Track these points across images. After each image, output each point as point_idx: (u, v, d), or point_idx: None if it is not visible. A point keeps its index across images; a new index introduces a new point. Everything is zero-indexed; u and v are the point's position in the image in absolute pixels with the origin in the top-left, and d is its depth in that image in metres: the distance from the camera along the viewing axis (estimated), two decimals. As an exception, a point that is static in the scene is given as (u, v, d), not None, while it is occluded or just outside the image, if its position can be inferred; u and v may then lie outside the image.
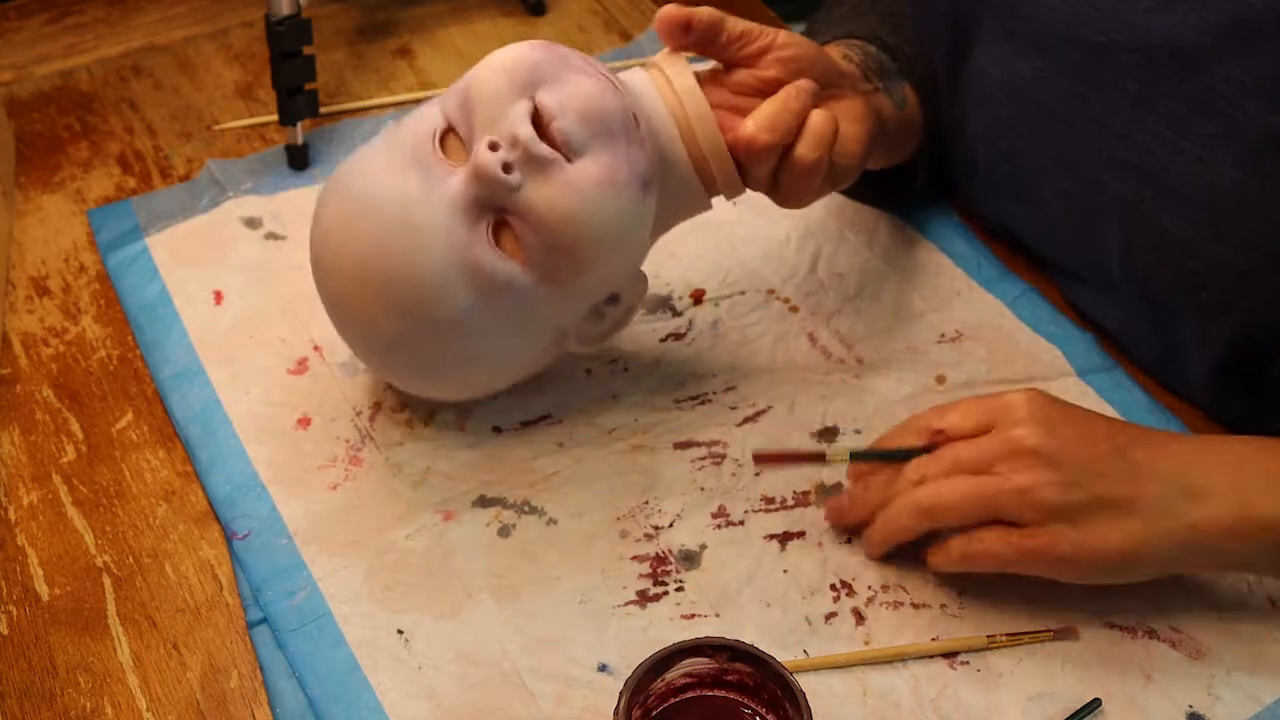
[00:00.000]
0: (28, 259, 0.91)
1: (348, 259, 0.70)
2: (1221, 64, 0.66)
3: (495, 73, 0.67)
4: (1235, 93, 0.65)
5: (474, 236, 0.67)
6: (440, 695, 0.66)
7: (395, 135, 0.70)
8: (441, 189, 0.67)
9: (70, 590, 0.72)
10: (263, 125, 1.01)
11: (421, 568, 0.72)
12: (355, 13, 1.12)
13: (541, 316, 0.72)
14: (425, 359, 0.72)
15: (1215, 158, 0.67)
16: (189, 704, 0.67)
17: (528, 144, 0.65)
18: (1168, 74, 0.68)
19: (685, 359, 0.83)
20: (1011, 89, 0.78)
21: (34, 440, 0.80)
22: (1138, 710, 0.65)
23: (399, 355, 0.72)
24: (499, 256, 0.67)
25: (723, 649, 0.58)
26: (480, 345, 0.71)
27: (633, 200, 0.67)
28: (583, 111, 0.66)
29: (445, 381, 0.75)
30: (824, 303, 0.86)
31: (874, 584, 0.70)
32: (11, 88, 1.05)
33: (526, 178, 0.66)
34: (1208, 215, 0.69)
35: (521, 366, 0.76)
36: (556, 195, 0.66)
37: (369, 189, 0.69)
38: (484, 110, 0.67)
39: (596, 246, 0.67)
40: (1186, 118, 0.68)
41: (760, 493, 0.75)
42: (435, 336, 0.70)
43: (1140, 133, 0.71)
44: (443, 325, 0.69)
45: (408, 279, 0.68)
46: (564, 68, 0.67)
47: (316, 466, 0.77)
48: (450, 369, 0.73)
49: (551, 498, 0.75)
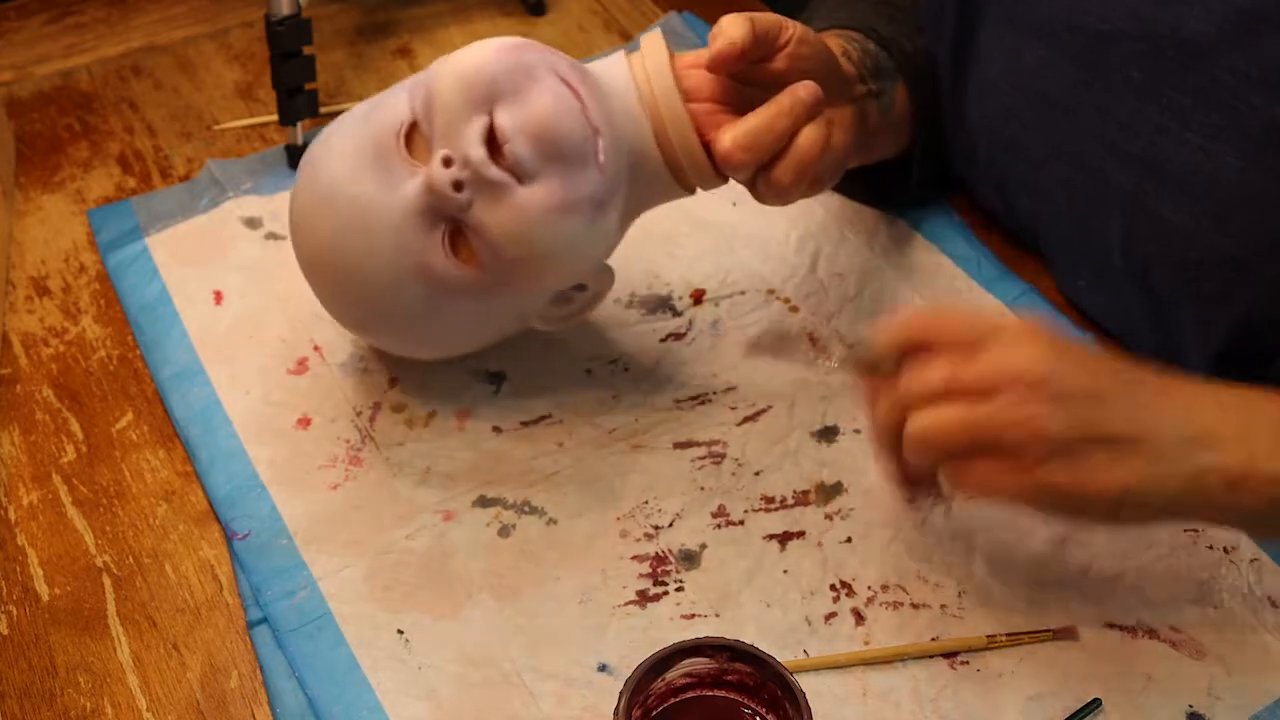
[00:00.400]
0: (28, 259, 0.91)
1: (311, 247, 0.73)
2: (1227, 55, 0.66)
3: (454, 83, 0.67)
4: (1240, 84, 0.65)
5: (429, 243, 0.68)
6: (440, 695, 0.66)
7: (366, 123, 0.70)
8: (400, 192, 0.68)
9: (70, 590, 0.72)
10: (263, 125, 1.01)
11: (421, 568, 0.72)
12: (355, 13, 1.12)
13: (500, 309, 0.73)
14: (391, 338, 0.77)
15: (1218, 149, 0.67)
16: (189, 704, 0.67)
17: (478, 167, 0.65)
18: (1172, 64, 0.68)
19: (685, 359, 0.83)
20: (1014, 77, 0.78)
21: (34, 440, 0.80)
22: (1138, 710, 0.65)
23: (367, 330, 0.77)
24: (453, 264, 0.68)
25: (723, 649, 0.58)
26: (440, 331, 0.74)
27: (582, 223, 0.67)
28: (537, 135, 0.66)
29: (416, 351, 0.78)
30: (824, 303, 0.86)
31: (874, 584, 0.70)
32: (11, 88, 1.05)
33: (477, 197, 0.66)
34: (1209, 206, 0.69)
35: (485, 341, 0.78)
36: (505, 217, 0.66)
37: (331, 182, 0.70)
38: (441, 119, 0.67)
39: (548, 263, 0.68)
40: (1190, 108, 0.68)
41: (760, 492, 0.75)
42: (394, 325, 0.74)
43: (1143, 123, 0.71)
44: (400, 319, 0.72)
45: (363, 277, 0.70)
46: (525, 80, 0.66)
47: (316, 466, 0.77)
48: (416, 346, 0.77)
49: (551, 498, 0.75)
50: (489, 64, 0.67)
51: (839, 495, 0.75)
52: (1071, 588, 0.70)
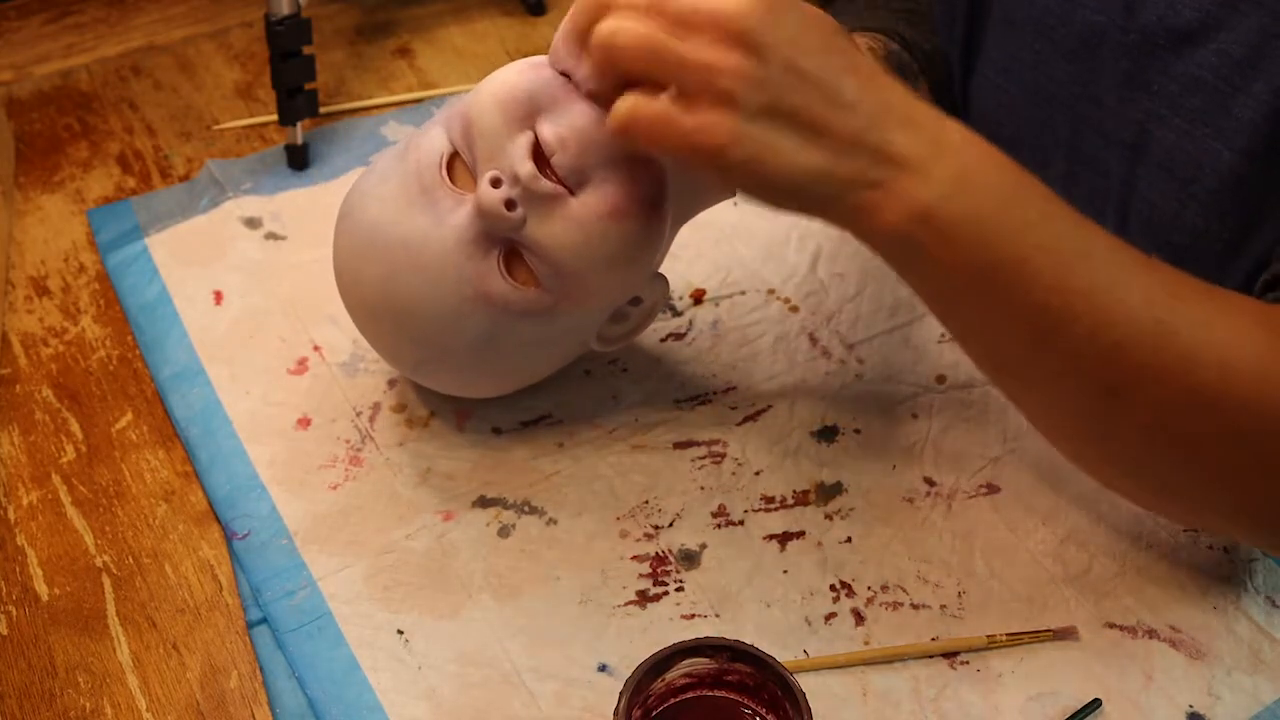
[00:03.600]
0: (27, 259, 0.91)
1: (361, 295, 0.71)
2: (1213, 38, 0.66)
3: (492, 106, 0.66)
4: (1223, 64, 0.66)
5: (485, 268, 0.67)
6: (440, 695, 0.66)
7: (403, 162, 0.69)
8: (450, 222, 0.67)
9: (70, 590, 0.72)
10: (263, 125, 1.01)
11: (421, 568, 0.72)
12: (355, 13, 1.12)
13: (561, 330, 0.71)
14: (451, 374, 0.74)
15: (1204, 133, 0.68)
16: (189, 704, 0.67)
17: (528, 182, 0.64)
18: (1163, 53, 0.69)
19: (685, 359, 0.83)
20: (1013, 75, 0.79)
21: (34, 440, 0.80)
22: (1138, 710, 0.65)
23: (426, 372, 0.74)
24: (512, 286, 0.67)
25: (723, 649, 0.58)
26: (503, 361, 0.72)
27: (640, 225, 0.66)
28: (583, 142, 0.64)
29: (475, 387, 0.77)
30: (824, 303, 0.86)
31: (874, 584, 0.70)
32: (11, 88, 1.05)
33: (530, 213, 0.65)
34: (1197, 190, 0.69)
35: (548, 369, 0.77)
36: (560, 230, 0.65)
37: (375, 225, 0.69)
38: (484, 144, 0.66)
39: (607, 272, 0.67)
40: (1178, 94, 0.69)
41: (760, 492, 0.75)
42: (455, 361, 0.72)
43: (1134, 111, 0.71)
44: (461, 353, 0.70)
45: (421, 314, 0.68)
46: (562, 91, 0.65)
47: (316, 466, 0.77)
48: (478, 380, 0.75)
49: (551, 498, 0.75)
50: (524, 80, 0.65)
51: (839, 495, 0.75)
52: (1071, 588, 0.70)
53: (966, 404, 0.79)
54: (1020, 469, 0.75)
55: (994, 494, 0.74)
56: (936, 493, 0.74)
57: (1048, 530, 0.72)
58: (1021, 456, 0.76)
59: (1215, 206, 0.69)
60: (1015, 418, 0.78)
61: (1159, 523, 0.72)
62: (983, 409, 0.79)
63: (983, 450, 0.76)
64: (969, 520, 0.73)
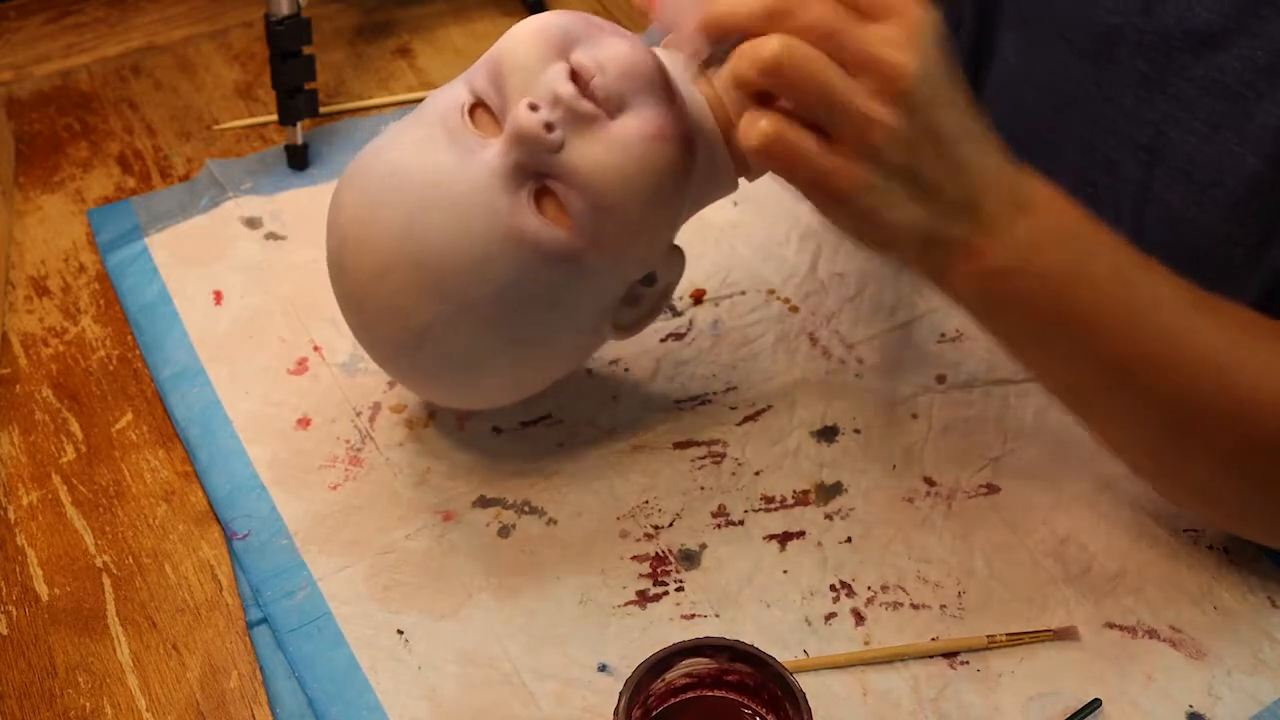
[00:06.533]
0: (27, 259, 0.91)
1: (375, 246, 0.67)
2: (1235, 43, 0.66)
3: (526, 39, 0.65)
4: (1246, 69, 0.66)
5: (516, 204, 0.65)
6: (440, 695, 0.66)
7: (418, 115, 0.68)
8: (478, 159, 0.65)
9: (70, 590, 0.72)
10: (263, 125, 1.01)
11: (421, 568, 0.72)
12: (355, 13, 1.12)
13: (581, 293, 0.68)
14: (459, 351, 0.69)
15: (1224, 136, 0.68)
16: (189, 704, 0.67)
17: (570, 101, 0.63)
18: (1180, 54, 0.69)
19: (685, 359, 0.83)
20: (1028, 75, 0.78)
21: (34, 440, 0.80)
22: (1138, 710, 0.65)
23: (431, 351, 0.68)
24: (543, 223, 0.65)
25: (723, 649, 0.58)
26: (518, 328, 0.68)
27: (677, 155, 0.65)
28: (622, 68, 0.64)
29: (478, 377, 0.71)
30: (824, 303, 0.86)
31: (874, 584, 0.70)
32: (11, 88, 1.05)
33: (569, 136, 0.64)
34: (1217, 194, 0.69)
35: (556, 358, 0.73)
36: (602, 151, 0.64)
37: (397, 169, 0.67)
38: (517, 78, 0.65)
39: (643, 204, 0.65)
40: (1197, 97, 0.68)
41: (760, 492, 0.75)
42: (471, 321, 0.67)
43: (1150, 112, 0.71)
44: (481, 307, 0.66)
45: (445, 257, 0.65)
46: (594, 30, 0.66)
47: (316, 466, 0.77)
48: (485, 360, 0.70)
49: (551, 498, 0.75)
50: (556, 17, 0.66)
51: (839, 495, 0.75)
52: (1071, 588, 0.70)
53: (966, 404, 0.79)
54: (1020, 469, 0.75)
55: (994, 494, 0.74)
56: (936, 493, 0.74)
57: (1048, 530, 0.72)
58: (1021, 456, 0.76)
59: (1236, 212, 0.69)
60: (1015, 418, 0.78)
61: (1159, 522, 0.72)
62: (983, 409, 0.79)
63: (983, 450, 0.76)
64: (969, 520, 0.73)
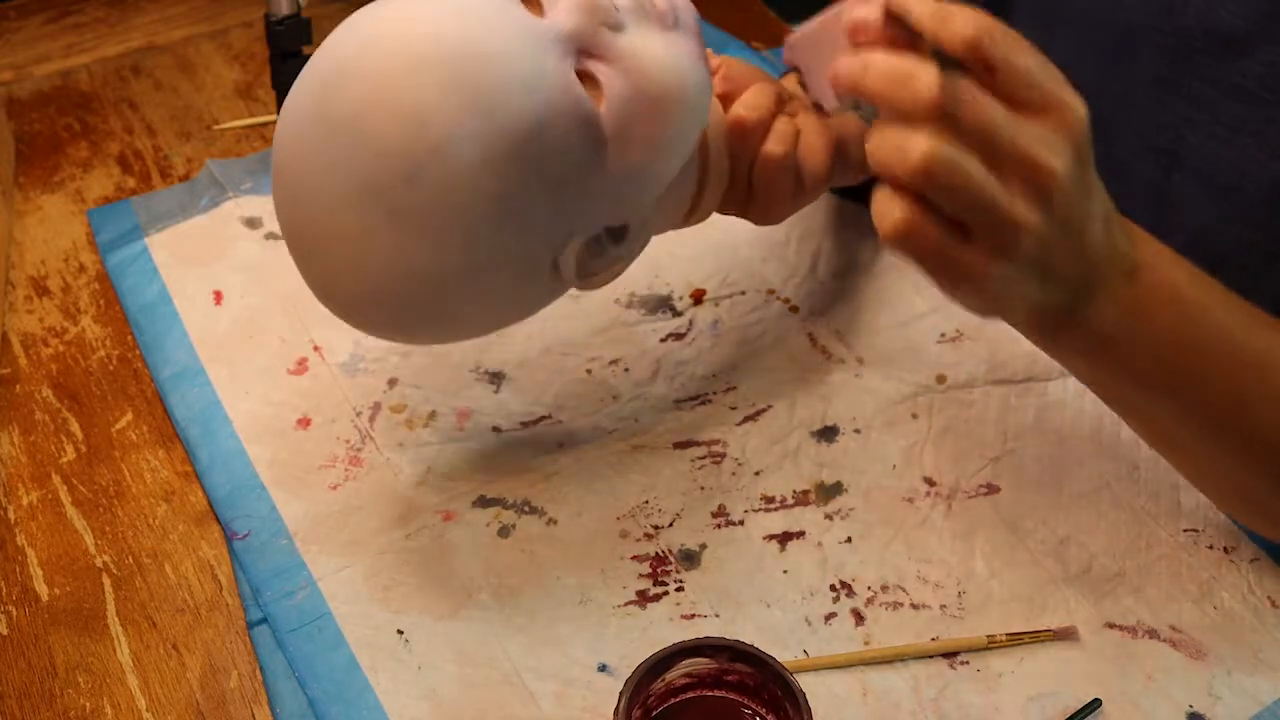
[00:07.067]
0: (27, 259, 0.91)
1: (404, 46, 0.61)
2: (1258, 48, 0.66)
3: None
4: (1269, 74, 0.65)
5: (563, 67, 0.62)
6: (440, 695, 0.66)
7: None
8: (531, 19, 0.62)
9: (70, 590, 0.72)
10: (263, 125, 1.01)
11: (421, 568, 0.72)
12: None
13: (571, 199, 0.63)
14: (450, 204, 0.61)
15: (1244, 141, 0.68)
16: (189, 704, 0.67)
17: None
18: (1202, 57, 0.68)
19: (685, 359, 0.83)
20: None
21: (34, 440, 0.80)
22: (1138, 710, 0.65)
23: (419, 195, 0.60)
24: (584, 93, 0.62)
25: (723, 649, 0.58)
26: (500, 210, 0.61)
27: (707, 91, 0.66)
28: (689, 7, 0.66)
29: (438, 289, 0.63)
30: (824, 303, 0.86)
31: (874, 584, 0.70)
32: (11, 88, 1.05)
33: (629, 24, 0.64)
34: (1235, 198, 0.69)
35: (518, 290, 0.66)
36: (659, 44, 0.64)
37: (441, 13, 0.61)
38: None
39: (678, 110, 0.64)
40: (1217, 101, 0.68)
41: (760, 492, 0.75)
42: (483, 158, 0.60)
43: (1168, 115, 0.71)
44: (501, 141, 0.60)
45: (486, 64, 0.60)
46: None
47: (316, 466, 0.77)
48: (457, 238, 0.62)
49: (551, 498, 0.75)
50: None
51: (839, 495, 0.75)
52: (1071, 588, 0.70)
53: (966, 404, 0.79)
54: (1020, 469, 0.75)
55: (994, 494, 0.74)
56: (936, 493, 0.74)
57: (1048, 530, 0.72)
58: (1021, 456, 0.76)
59: (1255, 217, 0.69)
60: (1015, 418, 0.78)
61: (1159, 523, 0.72)
62: (983, 409, 0.79)
63: (983, 450, 0.76)
64: (969, 520, 0.73)
